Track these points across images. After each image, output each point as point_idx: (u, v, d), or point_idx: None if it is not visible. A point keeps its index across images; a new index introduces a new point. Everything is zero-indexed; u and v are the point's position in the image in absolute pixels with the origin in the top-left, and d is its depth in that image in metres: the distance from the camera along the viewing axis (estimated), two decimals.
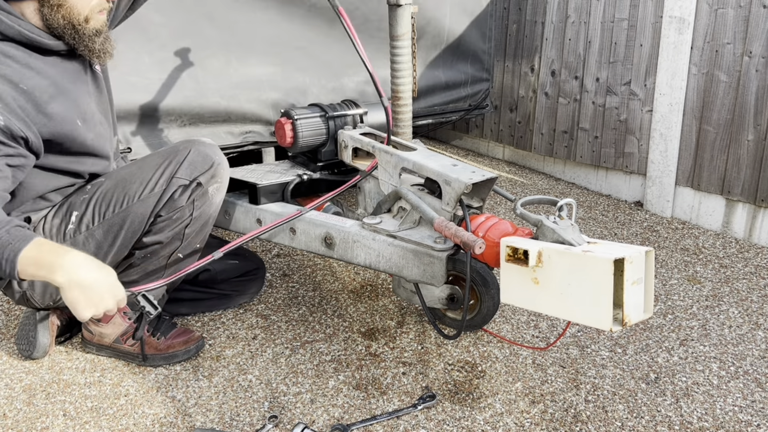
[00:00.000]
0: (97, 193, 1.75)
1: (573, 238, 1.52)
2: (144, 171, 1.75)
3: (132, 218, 1.73)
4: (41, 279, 1.38)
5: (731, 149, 2.78)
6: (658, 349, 2.02)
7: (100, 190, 1.75)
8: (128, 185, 1.74)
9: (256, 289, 2.28)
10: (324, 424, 1.68)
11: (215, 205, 1.84)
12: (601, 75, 3.22)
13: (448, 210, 1.82)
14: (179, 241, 1.81)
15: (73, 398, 1.79)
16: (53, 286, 1.50)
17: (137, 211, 1.72)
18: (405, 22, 1.99)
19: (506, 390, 1.82)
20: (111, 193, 1.74)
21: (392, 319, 2.17)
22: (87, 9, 1.64)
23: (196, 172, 1.75)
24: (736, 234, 2.84)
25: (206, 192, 1.78)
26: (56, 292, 1.80)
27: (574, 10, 3.28)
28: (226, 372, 1.90)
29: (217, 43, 2.50)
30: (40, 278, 1.38)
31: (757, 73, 2.64)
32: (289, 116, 2.22)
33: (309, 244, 1.98)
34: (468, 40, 3.26)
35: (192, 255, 1.87)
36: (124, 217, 1.73)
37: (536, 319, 2.18)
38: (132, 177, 1.75)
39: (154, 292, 1.87)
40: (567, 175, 3.59)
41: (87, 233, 1.74)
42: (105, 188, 1.75)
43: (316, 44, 2.74)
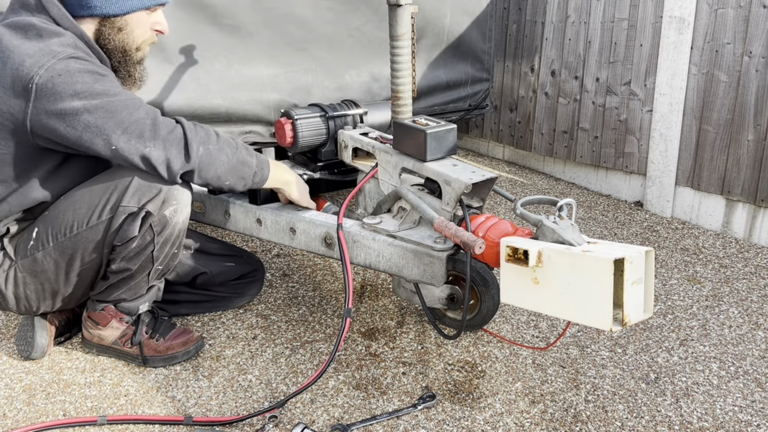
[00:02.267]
0: (53, 212, 1.72)
1: (573, 238, 1.52)
2: (92, 195, 1.70)
3: (84, 244, 1.70)
4: (276, 184, 1.91)
5: (731, 149, 2.78)
6: (658, 349, 2.02)
7: (55, 210, 1.72)
8: (78, 209, 1.69)
9: (255, 291, 2.27)
10: (324, 424, 1.68)
11: (180, 223, 1.77)
12: (601, 75, 3.22)
13: (448, 210, 1.82)
14: (151, 263, 1.78)
15: (73, 398, 1.79)
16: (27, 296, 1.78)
17: (87, 237, 1.70)
18: (405, 22, 1.99)
19: (506, 390, 1.82)
20: (63, 215, 1.71)
21: (392, 319, 2.17)
22: (141, 39, 1.78)
23: (143, 198, 1.67)
24: (736, 234, 2.84)
25: (163, 217, 1.71)
26: (28, 303, 1.81)
27: (574, 10, 3.28)
28: (226, 372, 1.90)
29: (219, 44, 2.50)
30: (275, 184, 1.90)
31: (757, 73, 2.64)
32: (288, 116, 2.22)
33: (309, 244, 1.98)
34: (468, 40, 3.26)
35: (172, 263, 1.85)
36: (76, 242, 1.70)
37: (536, 319, 2.18)
38: (81, 200, 1.70)
39: (148, 295, 1.87)
40: (567, 175, 3.59)
41: (44, 252, 1.72)
42: (59, 209, 1.72)
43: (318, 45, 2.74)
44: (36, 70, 1.53)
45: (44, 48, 1.56)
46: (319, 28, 2.71)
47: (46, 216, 1.73)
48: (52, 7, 1.63)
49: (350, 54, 2.83)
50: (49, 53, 1.55)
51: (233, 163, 1.73)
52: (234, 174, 1.75)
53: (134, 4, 1.71)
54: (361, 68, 2.88)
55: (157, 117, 1.64)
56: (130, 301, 1.85)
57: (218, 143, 1.71)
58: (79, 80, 1.56)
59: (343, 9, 2.74)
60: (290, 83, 2.69)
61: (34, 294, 1.79)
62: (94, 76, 1.59)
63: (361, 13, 2.80)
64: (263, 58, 2.62)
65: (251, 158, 1.79)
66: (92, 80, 1.58)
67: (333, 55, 2.79)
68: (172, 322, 2.00)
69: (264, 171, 1.82)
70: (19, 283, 1.76)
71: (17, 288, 1.77)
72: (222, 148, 1.71)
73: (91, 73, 1.59)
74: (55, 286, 1.78)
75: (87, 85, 1.56)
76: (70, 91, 1.55)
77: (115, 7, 1.69)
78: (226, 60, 2.53)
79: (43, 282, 1.76)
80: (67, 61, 1.56)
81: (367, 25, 2.83)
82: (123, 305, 1.86)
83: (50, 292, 1.80)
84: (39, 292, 1.79)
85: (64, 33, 1.62)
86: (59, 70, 1.54)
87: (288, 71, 2.69)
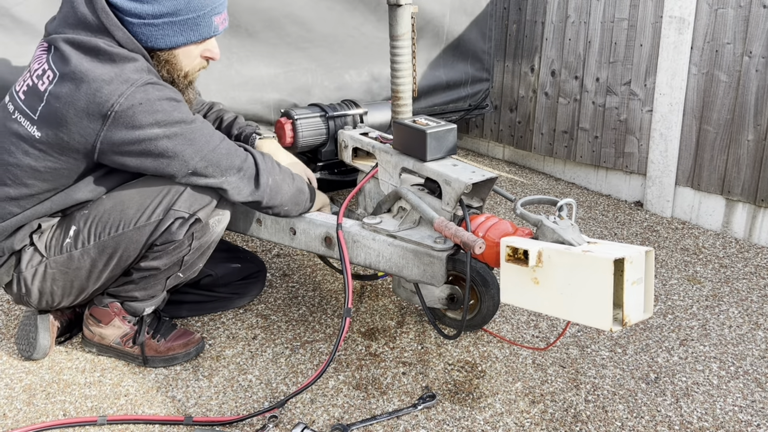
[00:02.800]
0: (96, 211, 1.73)
1: (573, 238, 1.52)
2: (143, 196, 1.71)
3: (126, 244, 1.71)
4: (318, 207, 1.99)
5: (731, 149, 2.78)
6: (658, 349, 2.02)
7: (99, 209, 1.73)
8: (125, 209, 1.71)
9: (257, 291, 2.28)
10: (324, 424, 1.69)
11: (217, 233, 1.83)
12: (601, 75, 3.22)
13: (448, 210, 1.82)
14: (177, 267, 1.80)
15: (73, 398, 1.79)
16: (52, 292, 1.79)
17: (132, 237, 1.71)
18: (405, 22, 1.99)
19: (506, 390, 1.82)
20: (108, 214, 1.71)
21: (392, 319, 2.17)
22: (189, 67, 1.77)
23: (195, 205, 1.72)
24: (736, 234, 2.84)
25: (206, 225, 1.77)
26: (51, 299, 1.81)
27: (574, 10, 3.28)
28: (226, 372, 1.90)
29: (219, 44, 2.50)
30: (317, 207, 1.99)
31: (757, 73, 2.64)
32: (289, 116, 2.22)
33: (309, 244, 1.98)
34: (468, 40, 3.26)
35: (192, 273, 1.87)
36: (119, 242, 1.71)
37: (536, 319, 2.18)
38: (130, 201, 1.71)
39: (158, 298, 1.88)
40: (567, 175, 3.59)
41: (82, 249, 1.73)
42: (104, 208, 1.72)
43: (317, 45, 2.74)
44: (116, 99, 1.53)
45: (120, 74, 1.56)
46: (318, 28, 2.71)
47: (86, 214, 1.73)
48: (117, 30, 1.60)
49: (350, 54, 2.83)
50: (126, 81, 1.55)
51: (293, 191, 1.85)
52: (293, 201, 1.86)
53: (182, 39, 1.68)
54: (361, 68, 2.88)
55: (230, 146, 1.71)
56: (141, 300, 1.85)
57: (281, 173, 1.81)
58: (159, 108, 1.58)
59: (341, 8, 2.74)
60: (290, 83, 2.70)
61: (60, 290, 1.79)
62: (171, 103, 1.61)
63: (359, 13, 2.80)
64: (263, 57, 2.62)
65: (304, 185, 1.90)
66: (171, 108, 1.60)
67: (332, 55, 2.79)
68: (173, 323, 2.00)
69: (313, 197, 1.95)
70: (48, 278, 1.76)
71: (44, 283, 1.77)
72: (284, 178, 1.82)
73: (169, 100, 1.60)
74: (85, 283, 1.78)
75: (167, 113, 1.59)
76: (151, 120, 1.57)
77: (161, 43, 1.67)
78: (225, 60, 2.54)
79: (74, 279, 1.77)
80: (145, 88, 1.57)
81: (366, 25, 2.84)
82: (131, 304, 1.86)
83: (77, 289, 1.80)
84: (66, 288, 1.79)
85: (136, 57, 1.61)
86: (140, 98, 1.55)
87: (288, 71, 2.69)
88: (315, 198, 1.96)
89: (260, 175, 1.74)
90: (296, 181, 1.86)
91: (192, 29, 1.67)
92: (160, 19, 1.63)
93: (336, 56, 2.80)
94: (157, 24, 1.63)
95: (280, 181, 1.79)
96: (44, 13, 2.15)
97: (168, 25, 1.64)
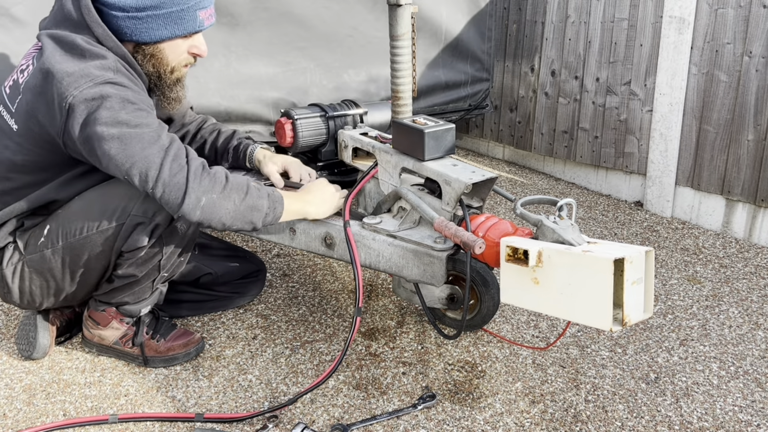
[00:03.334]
0: (66, 212, 1.73)
1: (573, 238, 1.52)
2: (106, 199, 1.70)
3: (92, 246, 1.70)
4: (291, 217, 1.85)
5: (731, 149, 2.78)
6: (658, 349, 2.02)
7: (69, 209, 1.73)
8: (90, 211, 1.70)
9: (257, 290, 2.28)
10: (324, 424, 1.68)
11: (190, 234, 1.78)
12: (601, 75, 3.22)
13: (448, 210, 1.82)
14: (157, 271, 1.78)
15: (73, 398, 1.79)
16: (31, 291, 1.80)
17: (96, 240, 1.70)
18: (405, 22, 1.99)
19: (506, 390, 1.82)
20: (75, 215, 1.71)
21: (392, 319, 2.17)
22: (175, 62, 1.75)
23: (152, 209, 1.68)
24: (736, 234, 2.84)
25: (173, 229, 1.73)
26: (31, 298, 1.81)
27: (574, 10, 3.28)
28: (226, 372, 1.90)
29: (218, 43, 2.51)
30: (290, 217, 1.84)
31: (757, 73, 2.64)
32: (289, 116, 2.22)
33: (309, 244, 1.98)
34: (467, 40, 3.26)
35: (177, 269, 1.86)
36: (84, 244, 1.70)
37: (536, 319, 2.18)
38: (95, 203, 1.71)
39: (151, 298, 1.88)
40: (567, 175, 3.59)
41: (53, 249, 1.73)
42: (72, 209, 1.73)
43: (316, 44, 2.74)
44: (71, 91, 1.54)
45: (84, 69, 1.56)
46: (317, 27, 2.72)
47: (59, 214, 1.74)
48: (97, 26, 1.62)
49: (348, 53, 2.83)
50: (86, 76, 1.55)
51: (241, 210, 1.67)
52: (241, 220, 1.69)
53: (166, 33, 1.68)
54: (359, 68, 2.88)
55: (167, 156, 1.59)
56: (133, 304, 1.85)
57: (224, 191, 1.64)
58: (107, 106, 1.56)
59: (339, 8, 2.74)
60: (289, 82, 2.70)
61: (39, 290, 1.79)
62: (123, 103, 1.58)
63: (357, 12, 2.81)
64: (262, 56, 2.62)
65: (262, 200, 1.71)
66: (120, 107, 1.57)
67: (331, 54, 2.79)
68: (173, 323, 2.00)
69: (277, 210, 1.76)
70: (26, 277, 1.77)
71: (23, 282, 1.78)
72: (228, 196, 1.65)
73: (121, 100, 1.58)
74: (60, 284, 1.78)
75: (113, 112, 1.56)
76: (96, 117, 1.55)
77: (146, 36, 1.67)
78: (224, 58, 2.54)
79: (48, 279, 1.77)
80: (102, 86, 1.56)
81: (364, 25, 2.84)
82: (125, 308, 1.86)
83: (54, 290, 1.80)
84: (43, 289, 1.79)
85: (106, 55, 1.61)
86: (92, 94, 1.54)
87: (286, 70, 2.69)
88: (282, 211, 1.77)
89: (188, 194, 1.59)
90: (249, 198, 1.68)
91: (176, 23, 1.67)
92: (143, 12, 1.63)
93: (335, 55, 2.80)
94: (141, 17, 1.63)
95: (219, 200, 1.63)
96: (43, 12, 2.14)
97: (152, 19, 1.64)
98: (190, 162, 1.62)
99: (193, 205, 1.60)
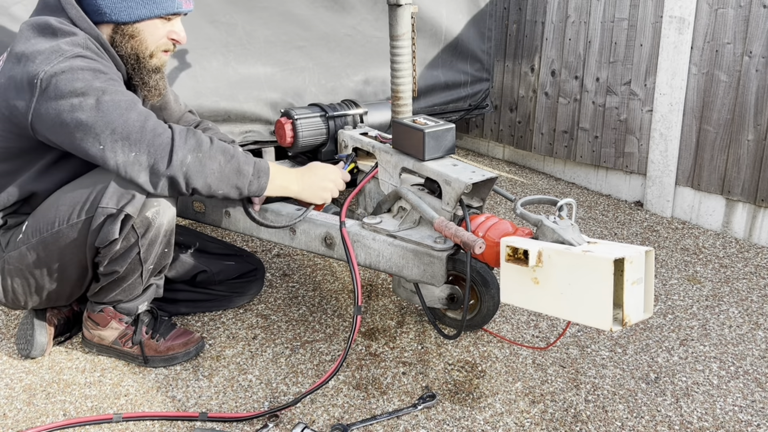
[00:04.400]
0: (41, 207, 1.73)
1: (573, 238, 1.52)
2: (75, 192, 1.68)
3: (64, 241, 1.68)
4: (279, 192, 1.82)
5: (731, 149, 2.78)
6: (658, 349, 2.02)
7: (43, 205, 1.73)
8: (60, 206, 1.69)
9: (256, 290, 2.27)
10: (324, 424, 1.68)
11: (166, 224, 1.73)
12: (601, 75, 3.22)
13: (448, 210, 1.82)
14: (139, 265, 1.75)
15: (73, 398, 1.78)
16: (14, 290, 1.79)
17: (68, 235, 1.68)
18: (405, 22, 1.99)
19: (506, 390, 1.82)
20: (47, 210, 1.71)
21: (392, 319, 2.17)
22: (154, 46, 1.76)
23: (122, 200, 1.63)
24: (736, 234, 2.84)
25: (145, 219, 1.68)
26: (15, 296, 1.81)
27: (574, 9, 3.28)
28: (226, 372, 1.90)
29: (216, 42, 2.50)
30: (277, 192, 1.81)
31: (757, 73, 2.64)
32: (289, 116, 2.22)
33: (309, 244, 1.98)
34: (467, 40, 3.26)
35: (165, 261, 1.84)
36: (57, 239, 1.69)
37: (536, 319, 2.18)
38: (65, 197, 1.69)
39: (146, 294, 1.87)
40: (567, 175, 3.59)
41: (28, 245, 1.72)
42: (46, 204, 1.72)
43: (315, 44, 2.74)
44: (42, 67, 1.55)
45: (54, 46, 1.58)
46: (316, 27, 2.72)
47: (36, 211, 1.74)
48: (71, 8, 1.65)
49: (347, 53, 2.84)
50: (57, 51, 1.57)
51: (226, 171, 1.66)
52: (226, 183, 1.67)
53: (144, 12, 1.70)
54: (357, 68, 2.88)
55: (147, 121, 1.60)
56: (127, 302, 1.85)
57: (210, 150, 1.64)
58: (80, 77, 1.56)
59: (338, 7, 2.74)
60: (287, 81, 2.70)
61: (21, 288, 1.79)
62: (95, 73, 1.59)
63: (356, 12, 2.81)
64: (260, 56, 2.62)
65: (247, 167, 1.71)
66: (92, 77, 1.58)
67: (329, 54, 2.79)
68: (173, 322, 2.00)
69: (262, 180, 1.74)
70: (7, 275, 1.77)
71: (5, 280, 1.78)
72: (213, 156, 1.64)
73: (93, 71, 1.59)
74: (40, 281, 1.77)
75: (86, 82, 1.56)
76: (70, 88, 1.55)
77: (124, 15, 1.69)
78: (223, 58, 2.54)
79: (27, 277, 1.77)
80: (72, 60, 1.57)
81: (363, 24, 2.84)
82: (121, 306, 1.86)
83: (35, 288, 1.79)
84: (25, 287, 1.79)
85: (77, 33, 1.63)
86: (63, 67, 1.55)
87: (285, 69, 2.69)
88: (267, 182, 1.75)
89: (175, 151, 1.58)
90: (234, 161, 1.67)
91: (154, 2, 1.69)
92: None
93: (333, 55, 2.80)
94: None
95: (205, 158, 1.62)
96: None
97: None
98: (172, 125, 1.64)
99: (179, 163, 1.59)
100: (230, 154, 1.68)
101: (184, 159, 1.60)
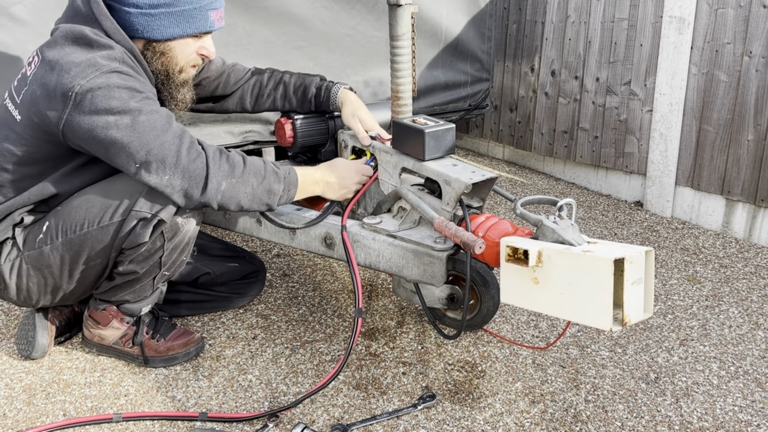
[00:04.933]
0: (66, 208, 1.73)
1: (573, 238, 1.52)
2: (107, 195, 1.69)
3: (92, 243, 1.69)
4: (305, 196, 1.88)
5: (731, 149, 2.78)
6: (658, 349, 2.02)
7: (68, 205, 1.73)
8: (90, 207, 1.69)
9: (257, 291, 2.27)
10: (324, 424, 1.68)
11: (191, 231, 1.77)
12: (601, 75, 3.22)
13: (448, 210, 1.82)
14: (158, 268, 1.77)
15: (73, 398, 1.78)
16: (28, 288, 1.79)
17: (97, 236, 1.68)
18: (405, 22, 1.99)
19: (506, 390, 1.82)
20: (75, 211, 1.71)
21: (392, 319, 2.17)
22: (184, 62, 1.77)
23: (157, 205, 1.66)
24: (736, 234, 2.84)
25: (175, 224, 1.71)
26: (28, 295, 1.81)
27: (574, 10, 3.28)
28: (226, 372, 1.90)
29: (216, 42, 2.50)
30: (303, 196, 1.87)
31: (757, 73, 2.64)
32: (288, 116, 2.22)
33: (309, 244, 1.98)
34: (467, 40, 3.26)
35: (178, 268, 1.85)
36: (84, 240, 1.69)
37: (536, 319, 2.18)
38: (96, 199, 1.70)
39: (152, 297, 1.87)
40: (567, 175, 3.59)
41: (52, 246, 1.72)
42: (72, 205, 1.72)
43: (314, 44, 2.74)
44: (78, 81, 1.55)
45: (90, 59, 1.58)
46: (315, 27, 2.72)
47: (58, 210, 1.74)
48: (105, 19, 1.64)
49: (347, 53, 2.84)
50: (93, 65, 1.57)
51: (258, 193, 1.72)
52: (258, 203, 1.73)
53: (178, 31, 1.70)
54: (357, 68, 2.88)
55: (182, 143, 1.62)
56: (134, 303, 1.85)
57: (243, 175, 1.68)
58: (116, 95, 1.57)
59: (338, 8, 2.75)
60: None
61: (36, 287, 1.79)
62: (131, 92, 1.59)
63: (356, 12, 2.81)
64: (260, 56, 2.62)
65: (278, 184, 1.75)
66: (128, 96, 1.58)
67: (329, 54, 2.79)
68: (173, 322, 2.00)
69: (291, 192, 1.80)
70: (23, 274, 1.76)
71: (20, 279, 1.77)
72: (246, 180, 1.69)
73: (129, 89, 1.59)
74: (58, 281, 1.78)
75: (122, 101, 1.57)
76: (105, 105, 1.56)
77: (157, 33, 1.69)
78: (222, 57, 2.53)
79: (47, 276, 1.76)
80: (109, 75, 1.57)
81: (363, 24, 2.84)
82: (126, 306, 1.86)
83: (52, 287, 1.79)
84: (41, 286, 1.79)
85: (113, 46, 1.63)
86: (99, 83, 1.55)
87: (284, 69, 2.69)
88: (295, 192, 1.81)
89: (210, 179, 1.63)
90: (266, 181, 1.72)
91: (188, 21, 1.69)
92: (156, 9, 1.65)
93: (333, 55, 2.80)
94: (154, 14, 1.65)
95: (238, 184, 1.67)
96: (42, 12, 2.15)
97: (164, 16, 1.66)
98: (206, 148, 1.66)
99: (214, 191, 1.64)
100: (262, 175, 1.72)
101: (219, 186, 1.65)
